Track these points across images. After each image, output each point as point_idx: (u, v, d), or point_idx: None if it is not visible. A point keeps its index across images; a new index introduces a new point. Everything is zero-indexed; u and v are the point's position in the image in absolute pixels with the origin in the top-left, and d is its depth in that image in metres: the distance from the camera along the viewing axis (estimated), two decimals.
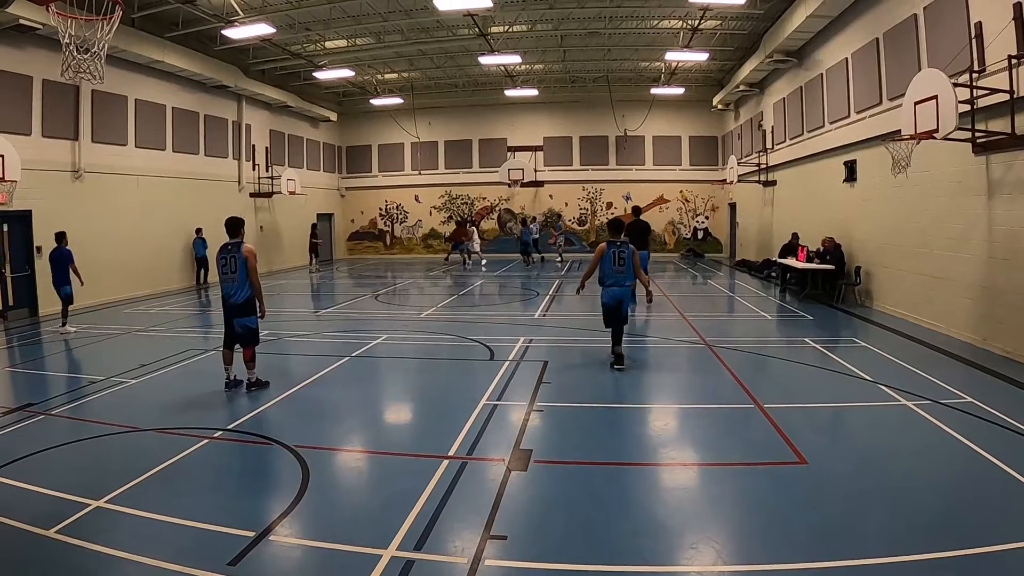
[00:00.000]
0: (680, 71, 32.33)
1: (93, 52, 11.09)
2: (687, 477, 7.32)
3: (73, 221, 19.20)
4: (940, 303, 14.35)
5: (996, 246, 12.35)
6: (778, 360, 12.57)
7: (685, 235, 37.79)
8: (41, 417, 9.23)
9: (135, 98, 22.46)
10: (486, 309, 19.71)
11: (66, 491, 6.60)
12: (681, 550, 5.63)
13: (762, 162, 27.88)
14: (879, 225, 17.33)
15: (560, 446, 8.30)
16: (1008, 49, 11.37)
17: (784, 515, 6.16)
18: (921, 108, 12.43)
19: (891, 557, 5.28)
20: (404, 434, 9.33)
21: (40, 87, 18.62)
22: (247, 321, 10.46)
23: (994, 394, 9.64)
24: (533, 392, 10.33)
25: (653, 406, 10.05)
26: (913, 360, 11.81)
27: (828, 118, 20.91)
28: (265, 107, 30.97)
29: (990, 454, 7.29)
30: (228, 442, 8.36)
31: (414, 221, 39.78)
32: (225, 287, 10.44)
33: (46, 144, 18.93)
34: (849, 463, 7.39)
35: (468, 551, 5.49)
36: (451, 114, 38.23)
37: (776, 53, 23.45)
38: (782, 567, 5.23)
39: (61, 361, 13.28)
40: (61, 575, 5.20)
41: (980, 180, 12.78)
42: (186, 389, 10.85)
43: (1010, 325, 11.94)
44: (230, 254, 10.31)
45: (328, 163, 38.42)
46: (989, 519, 5.90)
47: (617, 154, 37.59)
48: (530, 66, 32.28)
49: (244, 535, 5.74)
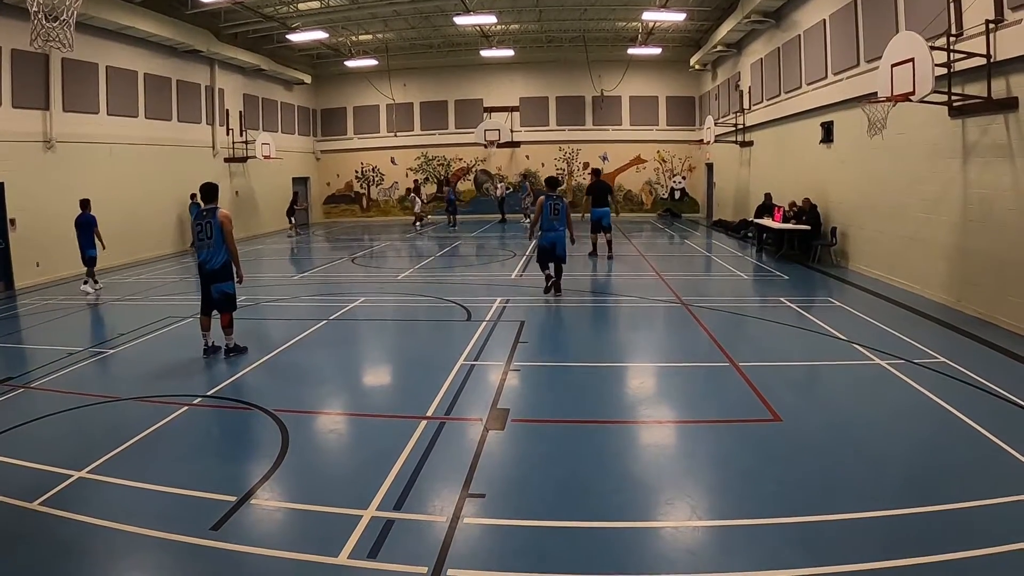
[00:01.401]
0: (657, 31, 32.13)
1: (62, 20, 10.94)
2: (663, 434, 7.44)
3: (46, 192, 19.02)
4: (915, 264, 14.50)
5: (971, 209, 12.46)
6: (754, 319, 12.71)
7: (662, 195, 37.82)
8: (20, 390, 9.18)
9: (106, 65, 22.03)
10: (463, 270, 19.74)
11: (48, 463, 6.61)
12: (657, 506, 5.75)
13: (739, 123, 27.88)
14: (855, 186, 17.44)
15: (537, 405, 8.41)
16: (985, 14, 11.37)
17: (758, 471, 6.28)
18: (898, 71, 12.44)
19: (861, 512, 5.42)
20: (382, 396, 9.41)
21: (9, 57, 18.21)
22: (224, 287, 10.43)
23: (967, 355, 9.79)
24: (510, 352, 10.41)
25: (630, 365, 10.17)
26: (887, 320, 11.97)
27: (805, 79, 20.92)
28: (238, 71, 30.50)
29: (962, 413, 7.43)
30: (208, 408, 8.40)
31: (390, 183, 39.52)
32: (201, 253, 10.37)
33: (16, 115, 18.55)
34: (822, 421, 7.55)
35: (447, 510, 5.58)
36: (426, 75, 37.82)
37: (754, 13, 23.37)
38: (755, 522, 5.35)
39: (38, 333, 13.13)
40: (46, 546, 5.22)
41: (955, 143, 12.85)
42: (165, 357, 10.83)
43: (983, 287, 12.11)
44: (205, 220, 10.20)
45: (303, 126, 37.97)
46: (958, 477, 6.05)
47: (594, 114, 37.42)
48: (506, 26, 31.97)
49: (226, 499, 5.79)
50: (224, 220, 10.22)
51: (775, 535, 5.16)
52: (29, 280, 18.39)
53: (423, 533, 5.28)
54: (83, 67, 20.96)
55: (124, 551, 5.20)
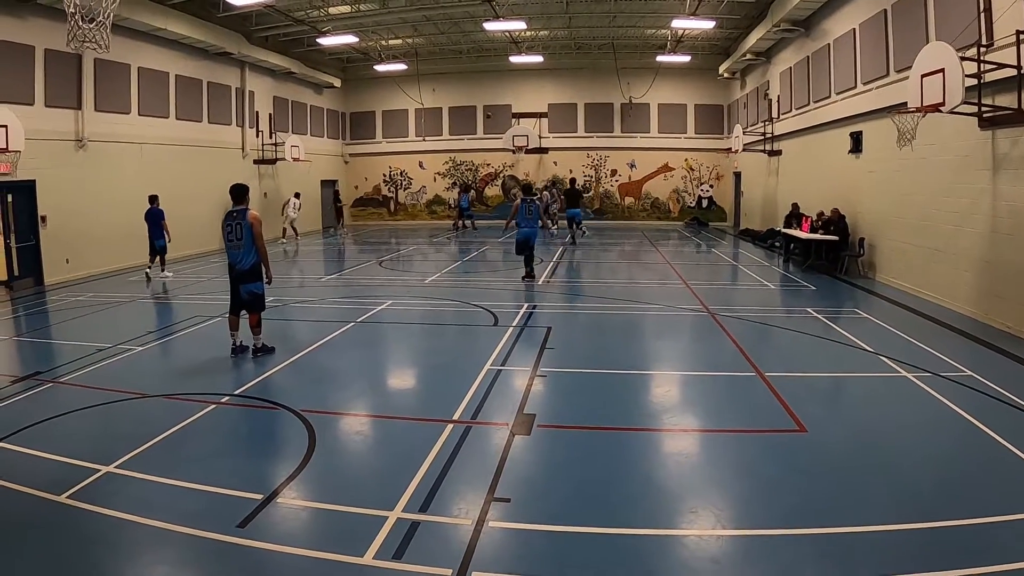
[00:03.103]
0: (686, 39, 32.02)
1: (98, 21, 11.09)
2: (688, 443, 7.42)
3: (77, 190, 19.31)
4: (943, 276, 14.36)
5: (1000, 221, 12.32)
6: (780, 329, 12.64)
7: (689, 203, 37.67)
8: (49, 385, 9.33)
9: (138, 66, 22.31)
10: (490, 275, 19.77)
11: (76, 457, 6.71)
12: (681, 514, 5.74)
13: (768, 131, 27.75)
14: (883, 197, 17.29)
15: (563, 411, 8.42)
16: (1016, 24, 11.25)
17: (782, 482, 6.25)
18: (928, 81, 12.34)
19: (887, 526, 5.38)
20: (409, 398, 9.45)
21: (43, 57, 18.48)
22: (253, 287, 10.55)
23: (994, 368, 9.69)
24: (537, 357, 10.43)
25: (656, 372, 10.15)
26: (914, 332, 11.87)
27: (835, 89, 20.78)
28: (268, 74, 30.78)
29: (988, 427, 7.35)
30: (235, 407, 8.47)
31: (418, 187, 39.68)
32: (231, 253, 10.50)
33: (49, 114, 18.84)
34: (848, 432, 7.49)
35: (472, 513, 5.60)
36: (455, 80, 37.92)
37: (783, 22, 23.23)
38: (779, 532, 5.33)
39: (68, 330, 13.33)
40: (73, 539, 5.30)
41: (985, 155, 12.73)
42: (193, 356, 10.98)
43: (1012, 300, 11.96)
44: (235, 221, 10.33)
45: (332, 129, 38.22)
46: (985, 492, 5.98)
47: (622, 121, 37.34)
48: (535, 32, 32.00)
49: (253, 498, 5.86)
50: (254, 222, 10.32)
51: (799, 546, 5.14)
52: (59, 277, 18.65)
53: (448, 536, 5.30)
54: (115, 68, 21.23)
55: (150, 546, 5.26)
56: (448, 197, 39.03)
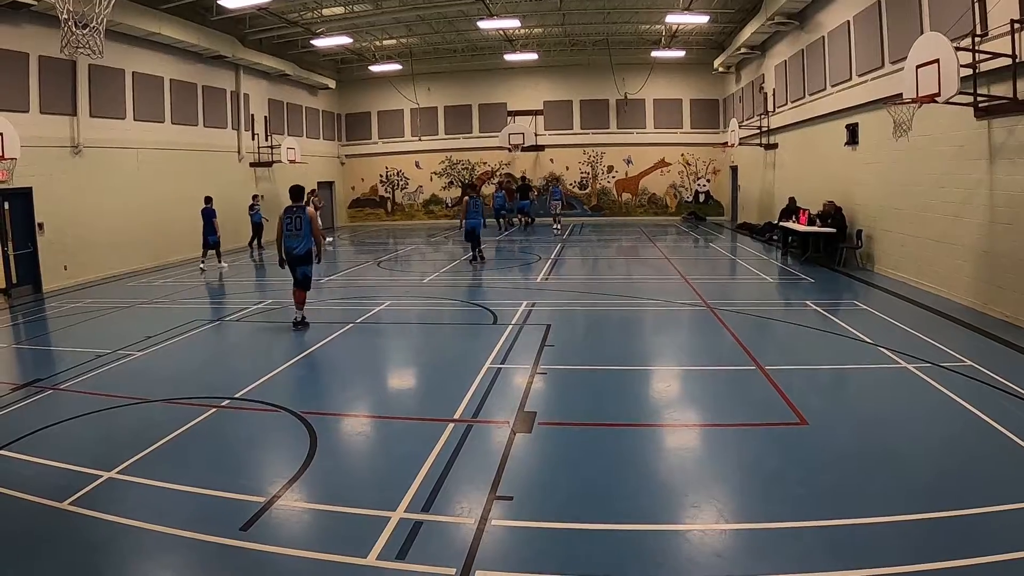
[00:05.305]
0: (681, 34, 32.07)
1: (92, 27, 11.05)
2: (689, 437, 7.44)
3: (74, 197, 19.29)
4: (941, 267, 14.37)
5: (997, 211, 12.33)
6: (779, 322, 12.66)
7: (687, 198, 37.67)
8: (50, 392, 9.31)
9: (132, 71, 22.26)
10: (488, 274, 19.76)
11: (78, 463, 6.70)
12: (683, 509, 5.75)
13: (763, 125, 27.71)
14: (880, 188, 17.30)
15: (564, 408, 8.42)
16: (1011, 14, 11.25)
17: (784, 474, 6.27)
18: (923, 72, 12.35)
19: (889, 516, 5.39)
20: (409, 398, 9.44)
21: (37, 63, 18.43)
22: (306, 269, 12.73)
23: (994, 358, 9.69)
24: (536, 355, 10.43)
25: (656, 368, 10.16)
26: (914, 323, 11.88)
27: (830, 81, 20.78)
28: (263, 76, 30.73)
29: (989, 417, 7.36)
30: (236, 410, 8.47)
31: (415, 187, 39.67)
32: (289, 242, 12.57)
33: (44, 120, 18.77)
34: (849, 424, 7.50)
35: (475, 512, 5.61)
36: (450, 79, 37.89)
37: (777, 15, 23.24)
38: (782, 525, 5.34)
39: (67, 336, 13.25)
40: (76, 546, 5.30)
41: (982, 145, 12.73)
42: (192, 360, 10.98)
43: (1011, 290, 11.97)
44: (295, 215, 12.54)
45: (327, 131, 38.17)
46: (986, 481, 5.99)
47: (618, 117, 37.33)
48: (529, 30, 32.01)
49: (255, 500, 5.86)
50: (312, 216, 12.69)
51: (802, 539, 5.15)
52: (57, 283, 18.62)
53: (451, 535, 5.31)
54: (110, 73, 21.18)
55: (153, 551, 5.27)
56: (445, 196, 39.03)
